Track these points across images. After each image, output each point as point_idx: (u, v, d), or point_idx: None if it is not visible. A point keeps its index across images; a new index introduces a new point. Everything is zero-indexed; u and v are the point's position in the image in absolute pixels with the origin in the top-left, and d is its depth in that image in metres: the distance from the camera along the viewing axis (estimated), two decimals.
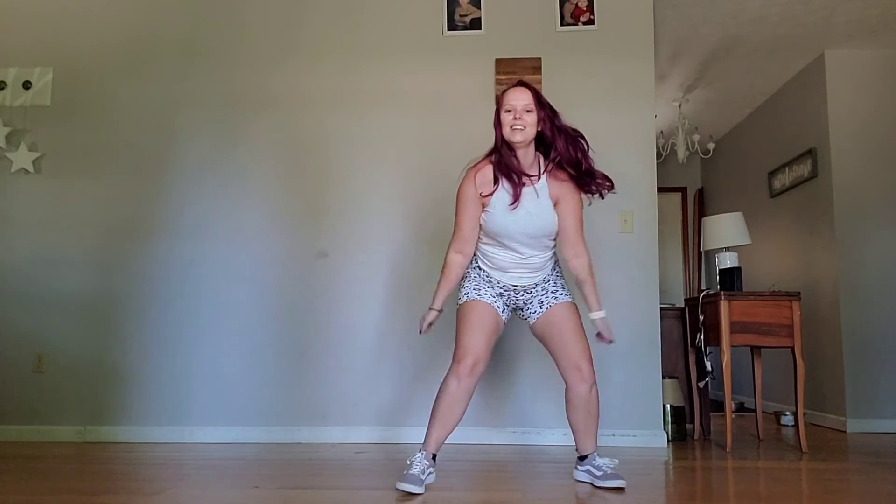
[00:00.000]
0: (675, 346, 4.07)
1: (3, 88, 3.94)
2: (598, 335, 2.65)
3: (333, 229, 3.77)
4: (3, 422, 3.69)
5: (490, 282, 2.63)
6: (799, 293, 3.54)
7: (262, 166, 3.84)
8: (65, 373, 3.72)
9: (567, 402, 2.61)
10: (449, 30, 3.86)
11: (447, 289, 2.63)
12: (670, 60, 4.92)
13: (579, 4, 3.83)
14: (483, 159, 2.60)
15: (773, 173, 5.46)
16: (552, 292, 2.64)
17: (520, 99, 2.49)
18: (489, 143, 2.88)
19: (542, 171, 2.56)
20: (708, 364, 3.74)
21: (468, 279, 2.66)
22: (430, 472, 2.49)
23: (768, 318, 3.51)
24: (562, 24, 3.83)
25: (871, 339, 4.42)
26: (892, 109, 4.62)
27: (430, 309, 2.65)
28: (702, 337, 3.75)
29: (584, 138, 2.58)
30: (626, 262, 3.66)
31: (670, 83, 5.32)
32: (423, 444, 2.53)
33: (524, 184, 2.51)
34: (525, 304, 2.66)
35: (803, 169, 4.95)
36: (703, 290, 3.90)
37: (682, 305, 4.18)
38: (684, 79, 5.26)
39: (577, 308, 2.65)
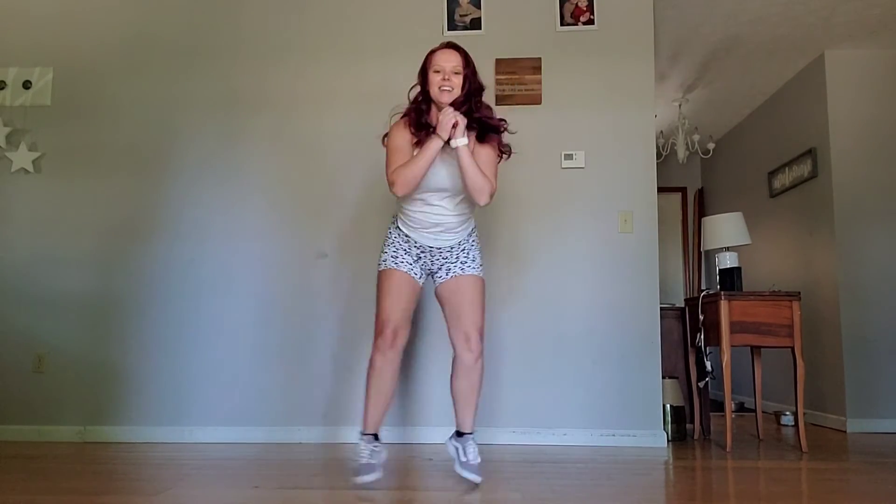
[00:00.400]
0: (675, 346, 4.07)
1: (3, 88, 3.94)
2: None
3: (333, 229, 3.77)
4: (3, 422, 3.69)
5: (408, 246, 2.68)
6: (799, 293, 3.54)
7: (261, 166, 3.84)
8: (65, 373, 3.72)
9: (452, 372, 2.68)
10: (449, 30, 3.86)
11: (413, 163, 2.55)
12: (670, 60, 4.92)
13: (579, 4, 3.83)
14: (408, 110, 2.65)
15: (773, 173, 5.46)
16: (462, 262, 2.68)
17: (449, 61, 2.55)
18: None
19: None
20: (708, 364, 3.74)
21: (388, 244, 2.72)
22: (377, 451, 2.59)
23: (768, 318, 3.51)
24: (562, 24, 3.83)
25: (871, 339, 4.42)
26: (892, 109, 4.62)
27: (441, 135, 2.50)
28: (702, 337, 3.76)
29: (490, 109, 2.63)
30: (626, 262, 3.66)
31: (670, 83, 5.32)
32: (362, 426, 2.63)
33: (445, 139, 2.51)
34: (438, 268, 2.71)
35: (803, 169, 4.95)
36: (703, 290, 3.90)
37: (682, 305, 4.18)
38: (684, 79, 5.26)
39: (482, 282, 2.71)
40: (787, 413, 4.67)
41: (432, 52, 2.61)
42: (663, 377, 3.75)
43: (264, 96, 3.88)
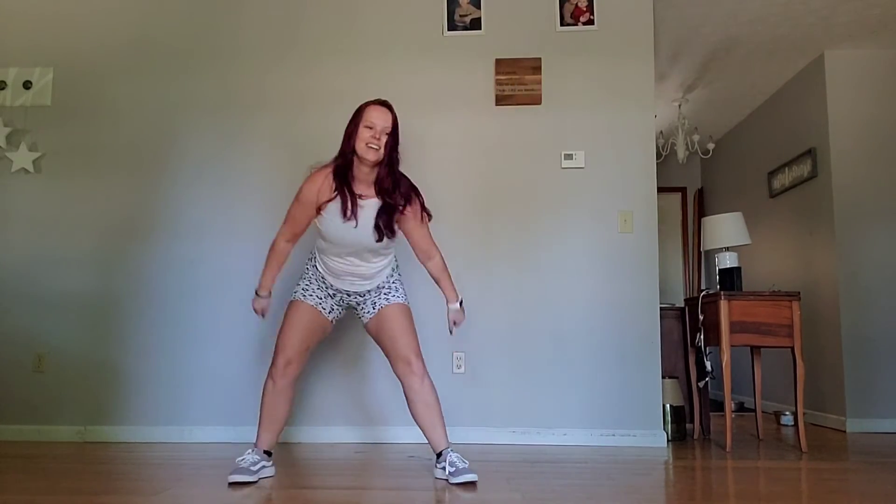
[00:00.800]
0: (675, 346, 4.07)
1: (3, 88, 3.94)
2: (451, 322, 2.79)
3: None
4: (4, 421, 3.70)
5: (323, 284, 2.74)
6: (799, 293, 3.54)
7: (261, 166, 3.84)
8: (65, 373, 3.73)
9: (407, 400, 2.72)
10: (449, 30, 3.86)
11: (273, 271, 2.76)
12: (670, 60, 4.92)
13: (579, 5, 3.83)
14: (329, 165, 2.65)
15: (772, 173, 5.46)
16: (385, 295, 2.75)
17: (383, 119, 2.59)
18: (488, 142, 2.88)
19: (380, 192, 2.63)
20: (708, 364, 3.74)
21: (304, 277, 2.78)
22: (264, 467, 2.65)
23: (768, 318, 3.51)
24: (562, 25, 3.83)
25: (871, 339, 4.42)
26: (892, 109, 4.62)
27: (257, 294, 2.77)
28: (702, 337, 3.76)
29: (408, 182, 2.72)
30: (626, 262, 3.66)
31: (670, 83, 5.33)
32: (255, 442, 2.68)
33: (360, 196, 2.59)
34: (359, 304, 2.78)
35: (803, 169, 4.95)
36: (702, 290, 3.90)
37: (682, 305, 4.18)
38: (684, 79, 5.26)
39: (409, 309, 2.76)
40: (787, 413, 4.67)
41: (366, 105, 2.64)
42: (663, 377, 3.75)
43: (264, 97, 3.88)
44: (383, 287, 2.76)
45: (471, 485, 2.55)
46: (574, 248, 3.70)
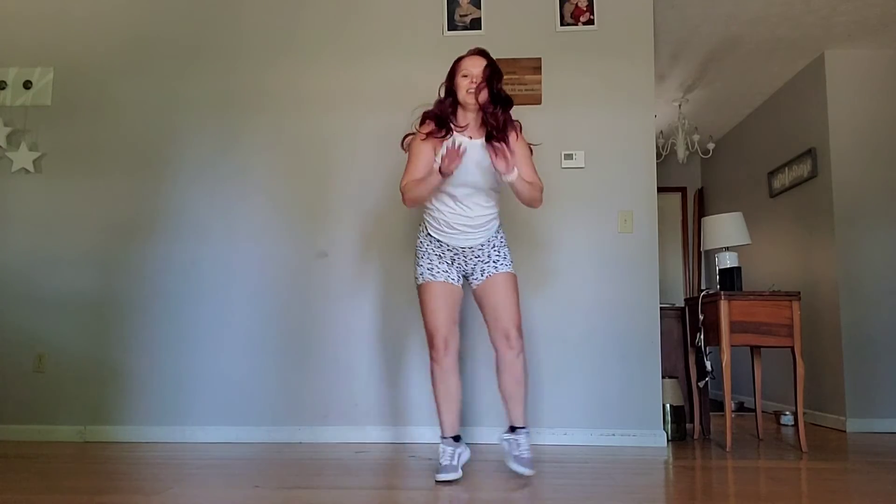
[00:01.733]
0: (675, 345, 4.07)
1: (3, 88, 3.94)
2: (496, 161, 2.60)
3: (333, 229, 3.78)
4: (4, 421, 3.69)
5: (441, 251, 2.76)
6: (799, 293, 3.54)
7: (261, 166, 3.84)
8: (65, 372, 3.73)
9: (496, 369, 2.75)
10: (449, 30, 3.86)
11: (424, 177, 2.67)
12: (670, 60, 4.92)
13: (579, 4, 3.83)
14: (435, 105, 2.76)
15: (772, 173, 5.46)
16: (494, 262, 2.77)
17: (476, 66, 2.69)
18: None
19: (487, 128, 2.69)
20: (708, 364, 3.74)
21: (420, 255, 2.80)
22: (460, 453, 2.69)
23: (768, 317, 3.51)
24: (562, 25, 3.83)
25: (871, 339, 4.42)
26: (892, 109, 4.62)
27: (441, 171, 2.57)
28: (702, 337, 3.76)
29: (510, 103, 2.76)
30: (626, 262, 3.66)
31: (670, 83, 5.33)
32: (441, 432, 2.73)
33: (471, 137, 2.68)
34: (472, 269, 2.79)
35: (803, 169, 4.95)
36: (702, 290, 3.90)
37: (682, 305, 4.18)
38: (684, 79, 5.26)
39: (515, 279, 2.79)
40: (787, 413, 4.67)
41: (460, 58, 2.76)
42: (663, 377, 3.75)
43: (264, 96, 3.88)
44: (492, 252, 2.77)
45: (523, 478, 2.63)
46: (574, 247, 3.70)
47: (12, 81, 3.94)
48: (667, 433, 3.67)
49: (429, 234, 2.79)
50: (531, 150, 2.81)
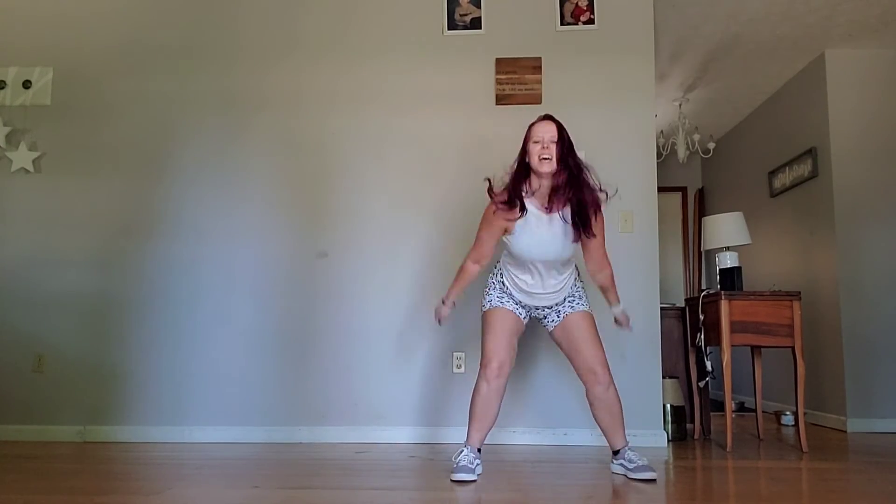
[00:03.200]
0: (676, 345, 4.07)
1: (3, 88, 3.94)
2: (616, 321, 2.95)
3: (333, 229, 3.77)
4: (3, 421, 3.69)
5: (513, 296, 2.84)
6: (799, 293, 3.54)
7: (261, 166, 3.84)
8: (65, 373, 3.72)
9: (589, 403, 2.83)
10: (449, 29, 3.86)
11: (460, 288, 2.89)
12: (670, 60, 4.91)
13: (579, 4, 3.83)
14: (506, 188, 2.76)
15: (773, 173, 5.46)
16: (569, 303, 2.85)
17: (547, 131, 2.69)
18: (488, 143, 2.89)
19: (559, 201, 2.70)
20: (708, 364, 3.74)
21: (492, 289, 2.88)
22: (478, 464, 2.72)
23: (768, 317, 3.51)
24: (562, 24, 3.82)
25: (871, 339, 4.42)
26: (892, 109, 4.62)
27: (443, 303, 2.91)
28: (702, 337, 3.75)
29: (590, 171, 2.78)
30: (627, 262, 3.65)
31: (670, 83, 5.32)
32: (466, 439, 2.76)
33: (548, 210, 2.70)
34: (545, 315, 2.89)
35: (803, 168, 4.94)
36: (703, 290, 3.90)
37: (683, 305, 4.18)
38: (684, 78, 5.25)
39: (592, 317, 2.85)
40: (788, 413, 4.66)
41: (532, 124, 2.76)
42: (663, 377, 3.75)
43: (264, 96, 3.88)
44: (568, 294, 2.86)
45: (650, 482, 2.64)
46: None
47: (12, 81, 3.94)
48: (667, 433, 3.67)
49: (503, 283, 2.86)
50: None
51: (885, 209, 4.53)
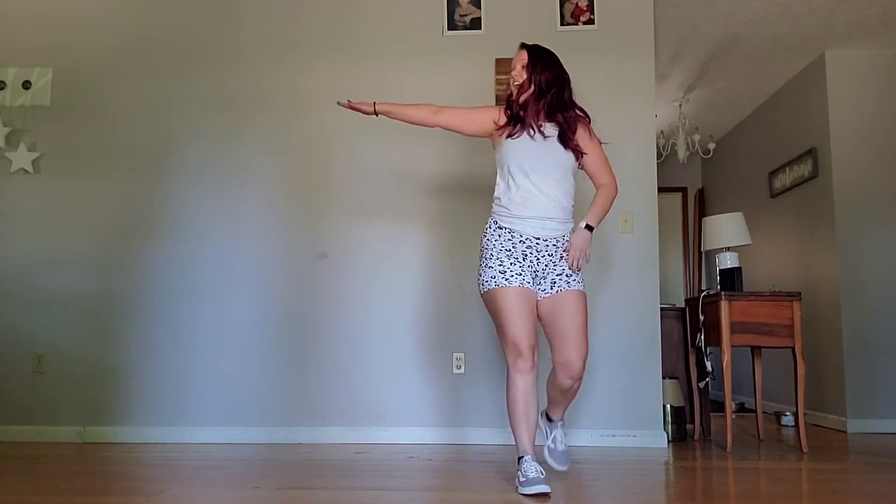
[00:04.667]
0: (676, 346, 4.06)
1: (2, 88, 3.94)
2: (564, 251, 2.59)
3: (333, 230, 3.77)
4: (3, 422, 3.69)
5: (511, 245, 2.54)
6: (799, 293, 3.53)
7: (261, 166, 3.83)
8: (64, 373, 3.72)
9: (550, 381, 2.64)
10: (449, 30, 3.86)
11: (397, 110, 2.77)
12: (671, 60, 4.91)
13: (579, 4, 3.82)
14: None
15: (773, 173, 5.46)
16: (566, 276, 2.56)
17: (517, 61, 2.68)
18: (488, 143, 2.89)
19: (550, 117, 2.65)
20: (708, 364, 3.73)
21: (488, 255, 2.56)
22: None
23: (769, 318, 3.51)
24: (562, 24, 3.82)
25: (871, 339, 4.42)
26: (892, 109, 4.62)
27: (373, 107, 2.76)
28: (702, 337, 3.75)
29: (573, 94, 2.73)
30: (627, 262, 3.65)
31: (671, 83, 5.32)
32: (519, 450, 2.46)
33: (540, 125, 2.61)
34: (542, 272, 2.56)
35: (804, 169, 4.94)
36: (703, 291, 3.90)
37: (683, 305, 4.17)
38: (685, 79, 5.25)
39: (585, 298, 2.59)
40: (788, 413, 4.66)
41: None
42: (663, 377, 3.74)
43: (264, 96, 3.87)
44: (565, 261, 2.58)
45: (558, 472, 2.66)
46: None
47: (11, 82, 3.93)
48: (667, 434, 3.67)
49: (498, 225, 2.58)
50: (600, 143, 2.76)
51: (885, 209, 4.53)
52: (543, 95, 2.62)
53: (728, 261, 3.89)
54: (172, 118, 3.89)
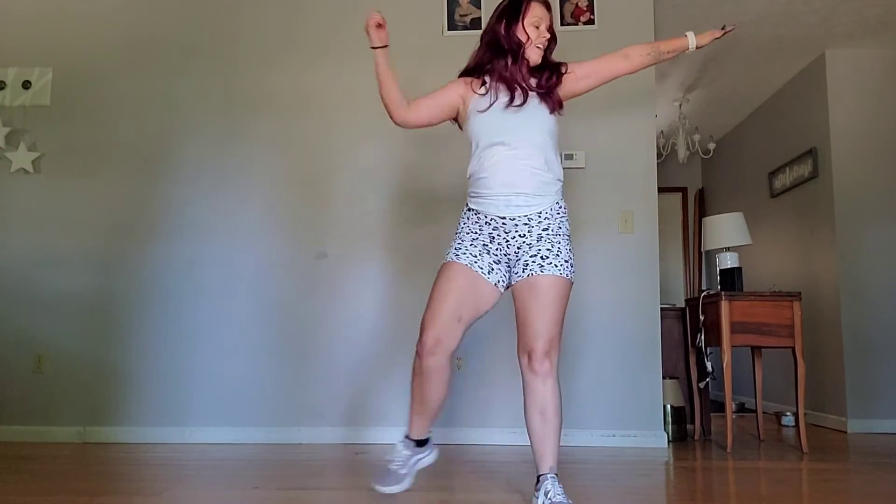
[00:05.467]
0: (676, 346, 4.06)
1: (2, 88, 3.94)
2: (718, 33, 2.42)
3: (333, 230, 3.77)
4: (3, 422, 3.69)
5: (478, 227, 2.23)
6: (799, 293, 3.53)
7: (261, 166, 3.83)
8: (64, 373, 3.72)
9: (524, 401, 2.20)
10: (449, 30, 3.86)
11: (386, 78, 2.46)
12: (670, 60, 4.90)
13: (579, 4, 3.82)
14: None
15: (773, 173, 5.46)
16: (543, 257, 2.17)
17: (546, 18, 2.29)
18: None
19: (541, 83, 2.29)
20: (708, 364, 3.73)
21: (456, 233, 2.30)
22: (419, 459, 2.33)
23: (769, 318, 3.51)
24: (562, 24, 3.82)
25: (871, 339, 4.42)
26: (892, 109, 4.62)
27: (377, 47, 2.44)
28: (702, 337, 3.75)
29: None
30: (627, 262, 3.65)
31: (671, 83, 5.32)
32: (406, 430, 2.33)
33: (526, 92, 2.25)
34: (516, 257, 2.21)
35: (804, 169, 4.94)
36: (703, 291, 3.90)
37: (683, 306, 4.17)
38: (685, 78, 5.25)
39: (567, 286, 2.19)
40: (788, 413, 4.66)
41: (527, 2, 2.28)
42: (664, 377, 3.74)
43: (264, 97, 3.87)
44: (544, 241, 2.19)
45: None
46: (574, 248, 3.68)
47: (11, 81, 3.93)
48: (667, 434, 3.67)
49: (469, 207, 2.28)
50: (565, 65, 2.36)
51: (885, 209, 4.53)
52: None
53: (728, 261, 3.89)
54: (172, 118, 3.89)
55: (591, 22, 3.81)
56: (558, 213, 2.24)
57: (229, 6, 3.96)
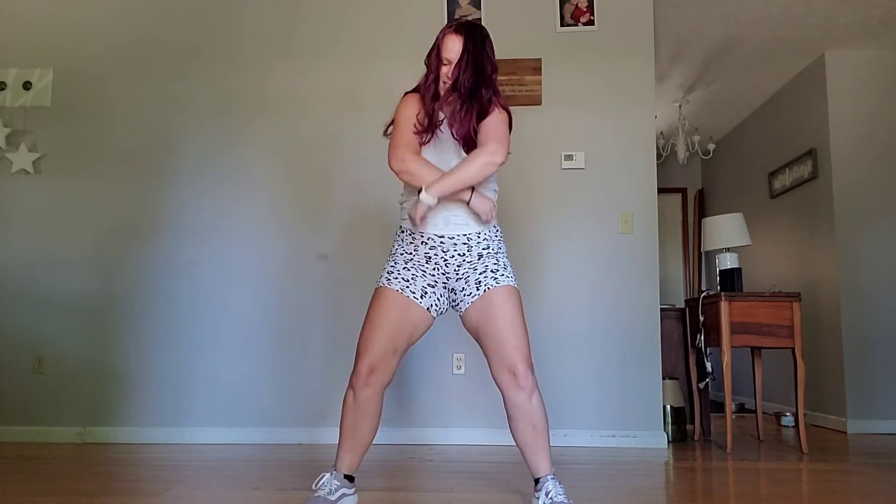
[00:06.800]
0: (676, 346, 4.07)
1: (3, 89, 3.94)
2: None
3: (333, 231, 3.77)
4: (3, 423, 3.69)
5: (412, 249, 2.20)
6: (799, 294, 3.54)
7: (261, 167, 3.84)
8: (65, 374, 3.72)
9: (507, 415, 2.17)
10: None
11: (429, 168, 2.15)
12: (670, 61, 4.92)
13: (579, 5, 3.83)
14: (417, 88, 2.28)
15: (773, 174, 5.46)
16: (493, 272, 2.17)
17: (453, 50, 2.16)
18: None
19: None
20: (708, 365, 3.74)
21: (389, 256, 2.26)
22: (345, 495, 2.16)
23: (768, 318, 3.51)
24: (562, 25, 3.83)
25: (871, 340, 4.42)
26: (892, 110, 4.62)
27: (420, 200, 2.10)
28: (702, 338, 3.75)
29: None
30: (627, 263, 3.66)
31: (670, 84, 5.32)
32: (334, 462, 2.21)
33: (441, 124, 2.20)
34: (457, 276, 2.19)
35: (804, 170, 4.95)
36: (703, 291, 3.90)
37: (683, 306, 4.18)
38: (684, 79, 5.26)
39: (519, 295, 2.21)
40: (788, 414, 4.66)
41: (442, 32, 2.21)
42: (663, 378, 3.75)
43: (264, 97, 3.88)
44: (491, 257, 2.19)
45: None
46: (574, 248, 3.70)
47: (12, 82, 3.94)
48: (667, 434, 3.67)
49: (401, 228, 2.26)
50: (509, 116, 2.21)
51: (885, 210, 4.53)
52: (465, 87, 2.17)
53: (728, 261, 3.89)
54: (173, 119, 3.89)
55: (591, 23, 3.81)
56: (496, 235, 2.24)
57: (229, 7, 3.97)
